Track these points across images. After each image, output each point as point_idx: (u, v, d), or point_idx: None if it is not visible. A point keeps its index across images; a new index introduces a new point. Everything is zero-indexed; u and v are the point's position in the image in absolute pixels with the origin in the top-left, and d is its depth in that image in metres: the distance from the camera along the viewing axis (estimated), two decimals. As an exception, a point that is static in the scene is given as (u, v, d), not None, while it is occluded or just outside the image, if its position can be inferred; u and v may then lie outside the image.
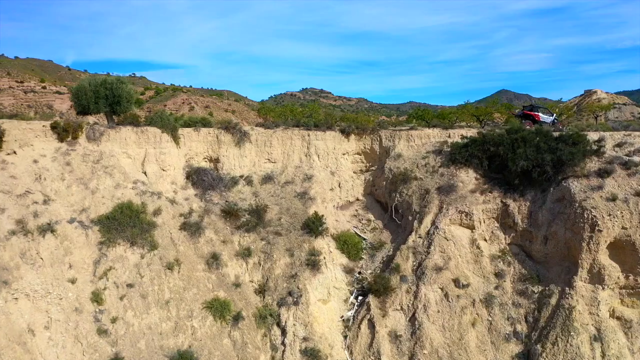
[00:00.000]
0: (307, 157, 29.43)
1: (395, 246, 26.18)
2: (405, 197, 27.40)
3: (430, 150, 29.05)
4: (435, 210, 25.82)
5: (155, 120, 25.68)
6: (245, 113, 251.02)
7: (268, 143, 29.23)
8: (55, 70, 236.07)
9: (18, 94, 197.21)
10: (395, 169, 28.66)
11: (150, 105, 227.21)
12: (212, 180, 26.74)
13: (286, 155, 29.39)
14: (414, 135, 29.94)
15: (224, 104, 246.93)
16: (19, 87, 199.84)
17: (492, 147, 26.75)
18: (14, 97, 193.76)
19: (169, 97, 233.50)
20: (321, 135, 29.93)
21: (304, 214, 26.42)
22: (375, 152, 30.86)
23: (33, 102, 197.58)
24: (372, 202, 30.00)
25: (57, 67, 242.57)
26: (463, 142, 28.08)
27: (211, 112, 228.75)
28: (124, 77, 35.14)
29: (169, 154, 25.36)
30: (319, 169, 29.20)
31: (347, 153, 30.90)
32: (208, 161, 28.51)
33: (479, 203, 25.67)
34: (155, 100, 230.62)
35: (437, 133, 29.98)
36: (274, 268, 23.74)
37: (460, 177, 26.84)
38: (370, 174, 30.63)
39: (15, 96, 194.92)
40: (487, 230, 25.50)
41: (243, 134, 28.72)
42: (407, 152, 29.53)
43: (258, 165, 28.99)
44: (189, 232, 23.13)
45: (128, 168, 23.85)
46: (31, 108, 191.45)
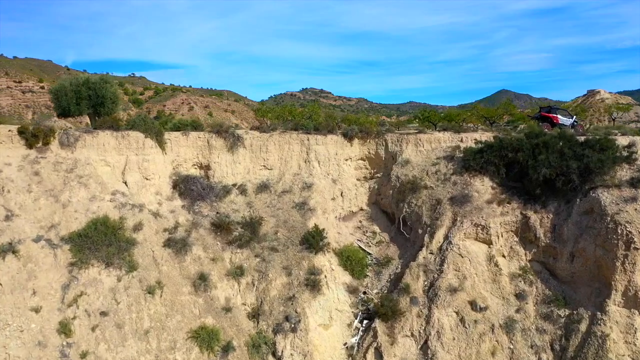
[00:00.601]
0: (307, 163, 26.77)
1: (404, 262, 23.53)
2: (415, 207, 24.75)
3: (441, 156, 26.39)
4: (448, 223, 23.17)
5: (137, 124, 23.03)
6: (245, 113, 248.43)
7: (264, 148, 26.57)
8: (54, 70, 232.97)
9: (16, 94, 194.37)
10: (403, 177, 26.00)
11: (150, 105, 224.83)
12: (202, 189, 24.10)
13: (283, 161, 26.74)
14: (422, 140, 27.27)
15: (224, 104, 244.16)
16: (17, 87, 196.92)
17: (510, 153, 24.11)
18: (12, 97, 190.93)
19: (169, 97, 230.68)
20: (322, 140, 27.26)
21: (302, 226, 23.77)
22: (380, 157, 28.21)
23: (31, 102, 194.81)
24: (377, 212, 27.34)
25: (56, 67, 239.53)
26: (477, 147, 25.43)
27: (211, 112, 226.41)
28: (108, 76, 33.05)
29: (153, 161, 22.71)
30: (319, 177, 26.55)
31: (350, 159, 28.24)
32: (198, 168, 25.87)
33: (496, 215, 23.03)
34: (155, 100, 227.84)
35: (448, 137, 27.32)
36: (270, 289, 21.09)
37: (475, 186, 24.20)
38: (375, 181, 27.97)
39: (13, 96, 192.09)
40: (505, 245, 22.88)
41: (236, 138, 26.07)
42: (416, 157, 26.86)
43: (253, 173, 26.33)
44: (174, 249, 20.48)
45: (106, 177, 21.21)
46: (29, 108, 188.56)
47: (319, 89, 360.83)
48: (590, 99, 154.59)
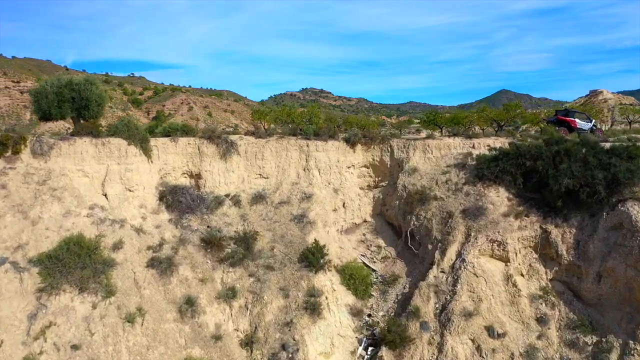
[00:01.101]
0: (306, 171, 24.60)
1: (412, 281, 21.38)
2: (424, 220, 22.58)
3: (452, 163, 24.22)
4: (460, 239, 21.02)
5: (120, 130, 20.85)
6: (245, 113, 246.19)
7: (259, 155, 24.40)
8: (53, 70, 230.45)
9: (14, 94, 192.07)
10: (411, 186, 23.83)
11: (149, 105, 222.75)
12: (192, 201, 21.93)
13: (281, 169, 24.56)
14: (431, 146, 25.10)
15: (223, 104, 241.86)
16: (15, 87, 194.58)
17: (528, 161, 21.95)
18: (10, 98, 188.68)
19: (168, 97, 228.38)
20: (322, 146, 25.09)
21: (301, 241, 21.61)
22: (385, 164, 26.04)
23: (29, 102, 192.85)
24: (382, 224, 25.18)
25: (55, 67, 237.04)
26: (491, 154, 23.27)
27: (210, 113, 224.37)
28: (93, 76, 31.14)
29: (137, 171, 20.53)
30: (319, 186, 24.38)
31: (353, 166, 26.07)
32: (188, 177, 23.69)
33: (513, 230, 20.88)
34: (154, 101, 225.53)
35: (459, 143, 25.15)
36: (265, 313, 18.93)
37: (490, 197, 22.04)
38: (380, 190, 25.80)
39: (12, 96, 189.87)
40: (524, 263, 20.75)
41: (230, 144, 23.90)
42: (424, 165, 24.69)
43: (247, 182, 24.16)
44: (159, 270, 18.30)
45: (84, 189, 19.04)
46: (27, 109, 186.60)
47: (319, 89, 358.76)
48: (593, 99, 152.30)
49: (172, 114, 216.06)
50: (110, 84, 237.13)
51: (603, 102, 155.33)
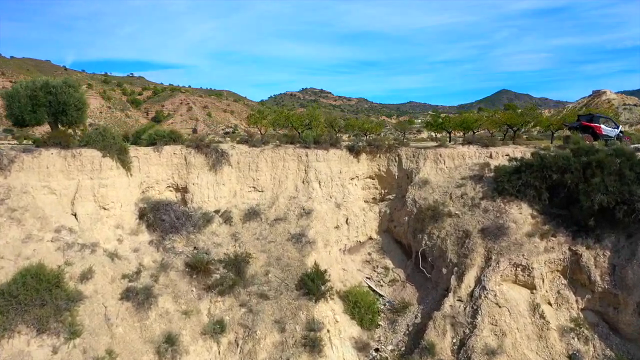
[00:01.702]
0: (305, 184, 22.03)
1: (425, 310, 18.82)
2: (437, 240, 20.02)
3: (467, 175, 21.65)
4: (480, 262, 18.46)
5: (94, 140, 18.26)
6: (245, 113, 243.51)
7: (253, 166, 21.83)
8: (51, 70, 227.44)
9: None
10: (422, 201, 21.26)
11: (148, 105, 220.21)
12: (176, 219, 19.36)
13: (277, 182, 22.00)
14: (443, 155, 22.53)
15: (223, 104, 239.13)
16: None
17: (554, 174, 19.40)
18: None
19: (167, 97, 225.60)
20: (323, 155, 22.51)
21: (300, 265, 19.06)
22: (392, 175, 23.48)
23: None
24: (389, 242, 22.62)
25: (54, 67, 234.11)
26: (512, 165, 20.72)
27: (210, 113, 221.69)
28: (73, 79, 28.86)
29: (113, 186, 17.95)
30: (320, 200, 21.82)
31: (357, 177, 23.51)
32: (174, 190, 21.14)
33: (539, 252, 18.33)
34: (153, 101, 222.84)
35: (474, 152, 22.58)
36: (258, 351, 16.36)
37: (512, 214, 19.48)
38: (387, 204, 23.22)
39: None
40: (551, 290, 18.21)
41: (220, 154, 21.34)
42: (436, 177, 22.13)
43: (240, 196, 21.59)
44: (135, 302, 15.73)
45: (50, 209, 16.46)
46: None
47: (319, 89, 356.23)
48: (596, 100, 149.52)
49: (171, 114, 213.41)
50: (109, 84, 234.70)
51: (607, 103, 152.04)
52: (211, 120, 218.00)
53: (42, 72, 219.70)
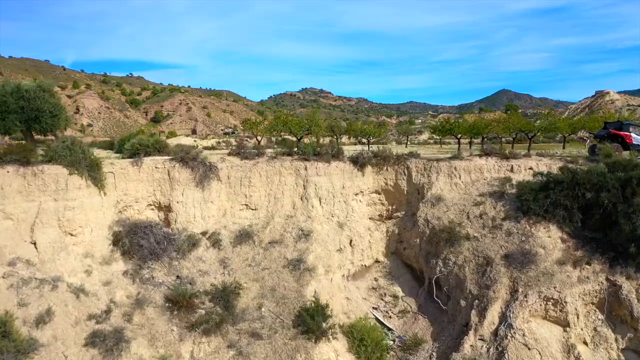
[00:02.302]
0: (304, 201, 19.51)
1: (441, 349, 16.30)
2: (453, 267, 17.50)
3: (486, 192, 19.14)
4: (504, 295, 15.95)
5: (59, 155, 15.69)
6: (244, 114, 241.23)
7: (246, 181, 19.30)
8: (50, 70, 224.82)
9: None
10: (435, 221, 18.74)
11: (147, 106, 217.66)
12: (157, 243, 16.85)
13: (272, 198, 19.47)
14: (459, 168, 20.01)
15: (222, 105, 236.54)
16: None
17: (588, 193, 16.87)
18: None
19: (166, 97, 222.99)
20: (324, 168, 19.99)
21: (297, 296, 16.55)
22: (401, 190, 20.96)
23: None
24: (398, 266, 20.10)
25: (52, 67, 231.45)
26: (537, 181, 18.20)
27: (209, 113, 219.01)
28: (48, 82, 26.30)
29: (82, 208, 15.43)
30: (320, 220, 19.30)
31: (362, 192, 20.99)
32: (156, 209, 18.62)
33: (572, 283, 15.83)
34: (152, 101, 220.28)
35: (493, 165, 20.05)
36: (248, 404, 13.86)
37: (539, 238, 16.97)
38: (395, 223, 20.70)
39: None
40: (587, 327, 15.70)
41: (208, 168, 18.82)
42: (451, 193, 19.61)
43: (230, 215, 19.07)
44: (102, 349, 13.22)
45: (4, 238, 13.93)
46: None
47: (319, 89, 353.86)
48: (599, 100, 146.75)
49: (170, 115, 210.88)
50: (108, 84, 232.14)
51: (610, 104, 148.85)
52: (210, 121, 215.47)
53: (41, 72, 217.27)
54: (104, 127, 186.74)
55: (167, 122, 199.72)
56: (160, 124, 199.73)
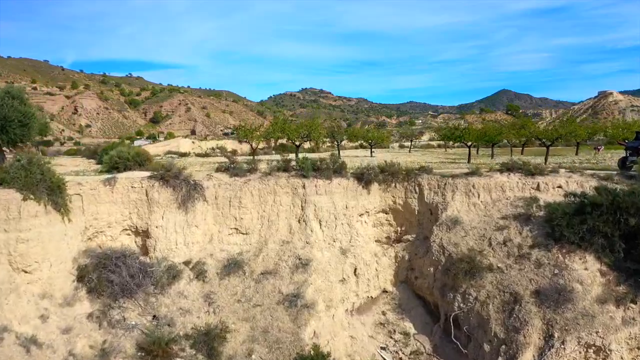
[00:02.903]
0: (302, 224, 17.04)
1: (462, 402, 13.84)
2: (474, 303, 15.03)
3: (509, 214, 16.65)
4: (537, 341, 13.48)
5: (13, 177, 13.21)
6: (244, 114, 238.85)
7: (235, 201, 16.83)
8: (48, 71, 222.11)
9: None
10: (452, 247, 16.26)
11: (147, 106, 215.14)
12: (130, 277, 14.38)
13: (266, 222, 16.99)
14: (477, 186, 17.52)
15: (222, 105, 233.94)
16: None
17: (632, 218, 14.40)
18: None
19: (165, 97, 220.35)
20: (325, 186, 17.51)
21: (294, 340, 14.09)
22: (411, 210, 18.48)
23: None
24: (409, 297, 17.62)
25: (51, 67, 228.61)
26: (569, 203, 15.71)
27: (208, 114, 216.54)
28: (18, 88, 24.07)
29: (39, 239, 12.97)
30: (321, 246, 16.83)
31: (367, 212, 18.51)
32: (132, 234, 16.16)
33: (617, 326, 13.37)
34: (152, 101, 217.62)
35: (516, 182, 17.56)
36: None
37: (575, 271, 14.50)
38: (405, 247, 18.23)
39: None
40: (634, 379, 13.23)
41: (192, 187, 16.35)
42: (469, 215, 17.12)
43: (218, 241, 16.60)
44: (55, 418, 10.75)
45: (-61, 280, 11.46)
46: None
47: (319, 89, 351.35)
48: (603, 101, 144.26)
49: (169, 115, 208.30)
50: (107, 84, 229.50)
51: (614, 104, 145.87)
52: (210, 121, 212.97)
53: (40, 73, 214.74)
54: (103, 127, 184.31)
55: (166, 122, 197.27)
56: (159, 125, 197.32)
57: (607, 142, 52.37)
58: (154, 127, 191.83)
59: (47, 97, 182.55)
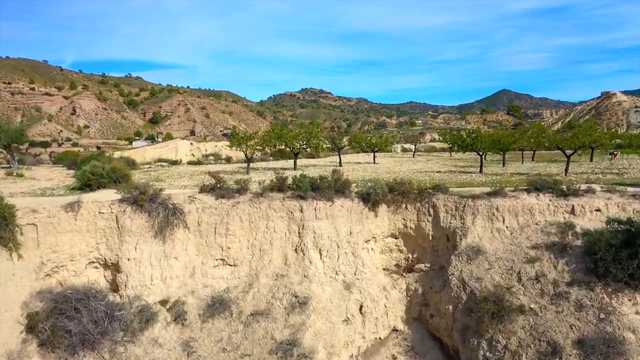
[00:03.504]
0: (299, 253, 14.59)
1: None
2: (504, 353, 12.56)
3: (541, 242, 14.19)
4: (583, 405, 11.04)
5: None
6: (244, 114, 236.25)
7: (222, 228, 14.37)
8: (47, 71, 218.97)
9: (5, 96, 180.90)
10: (474, 283, 13.81)
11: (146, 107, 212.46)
12: (93, 323, 11.93)
13: (257, 251, 14.54)
14: (501, 209, 15.05)
15: (221, 105, 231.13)
16: (6, 89, 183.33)
17: (694, 253, 11.95)
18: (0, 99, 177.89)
19: (165, 98, 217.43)
20: (325, 209, 15.04)
21: (289, 399, 11.63)
22: (424, 235, 16.02)
23: (21, 104, 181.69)
24: (422, 337, 15.15)
25: (50, 67, 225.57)
26: (614, 231, 13.26)
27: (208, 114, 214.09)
28: None
29: (-23, 285, 10.53)
30: (321, 279, 14.38)
31: (374, 238, 16.06)
32: (101, 267, 13.71)
33: (680, 387, 10.91)
34: (150, 102, 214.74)
35: (547, 205, 15.09)
36: None
37: (625, 315, 12.05)
38: (419, 278, 15.77)
39: (2, 98, 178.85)
40: None
41: (171, 211, 13.89)
42: (493, 243, 14.67)
43: (200, 275, 14.14)
44: None
45: None
46: (18, 111, 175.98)
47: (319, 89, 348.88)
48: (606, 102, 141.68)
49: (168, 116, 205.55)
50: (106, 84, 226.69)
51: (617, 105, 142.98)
52: (209, 122, 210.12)
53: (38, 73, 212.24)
54: (101, 128, 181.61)
55: (165, 123, 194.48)
56: (158, 125, 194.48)
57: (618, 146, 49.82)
58: (153, 128, 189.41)
59: (45, 98, 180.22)
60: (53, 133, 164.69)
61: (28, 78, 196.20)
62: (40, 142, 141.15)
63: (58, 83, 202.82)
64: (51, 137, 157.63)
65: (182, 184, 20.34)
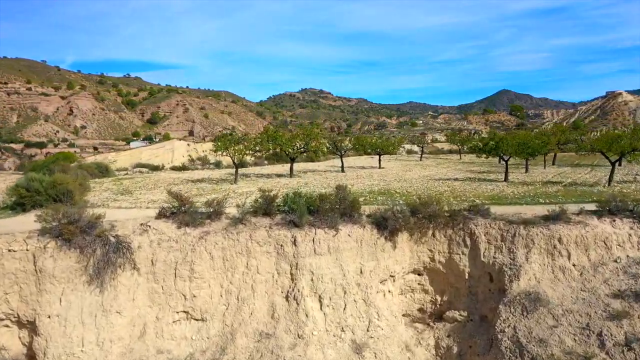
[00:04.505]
0: (291, 303, 10.54)
1: None
2: None
3: (626, 288, 10.16)
4: None
5: None
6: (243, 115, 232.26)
7: (185, 269, 10.32)
8: (44, 71, 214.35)
9: (0, 96, 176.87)
10: (536, 347, 9.76)
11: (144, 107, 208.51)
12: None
13: (234, 300, 10.48)
14: (565, 241, 11.01)
15: (221, 105, 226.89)
16: (3, 89, 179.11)
17: None
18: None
19: (163, 98, 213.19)
20: (327, 240, 10.99)
21: None
22: (459, 271, 11.97)
23: (17, 104, 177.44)
24: (459, 414, 11.11)
25: (47, 67, 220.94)
26: None
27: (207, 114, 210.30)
28: None
29: None
30: (321, 339, 10.33)
31: (392, 277, 12.00)
32: (15, 325, 9.66)
33: None
34: (149, 102, 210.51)
35: (628, 234, 11.06)
36: None
37: None
38: (451, 331, 11.70)
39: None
40: None
41: (113, 248, 9.84)
42: (557, 288, 10.63)
43: (154, 337, 10.08)
44: None
45: None
46: (14, 111, 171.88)
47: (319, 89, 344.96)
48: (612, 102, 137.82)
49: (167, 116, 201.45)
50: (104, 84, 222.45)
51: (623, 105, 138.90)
52: (208, 122, 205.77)
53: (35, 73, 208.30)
54: (98, 128, 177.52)
55: (164, 123, 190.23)
56: (156, 126, 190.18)
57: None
58: (151, 128, 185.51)
59: (42, 98, 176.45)
60: (49, 134, 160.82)
61: (25, 78, 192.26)
62: (36, 143, 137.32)
63: (55, 83, 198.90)
64: (47, 137, 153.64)
65: (151, 199, 16.32)
